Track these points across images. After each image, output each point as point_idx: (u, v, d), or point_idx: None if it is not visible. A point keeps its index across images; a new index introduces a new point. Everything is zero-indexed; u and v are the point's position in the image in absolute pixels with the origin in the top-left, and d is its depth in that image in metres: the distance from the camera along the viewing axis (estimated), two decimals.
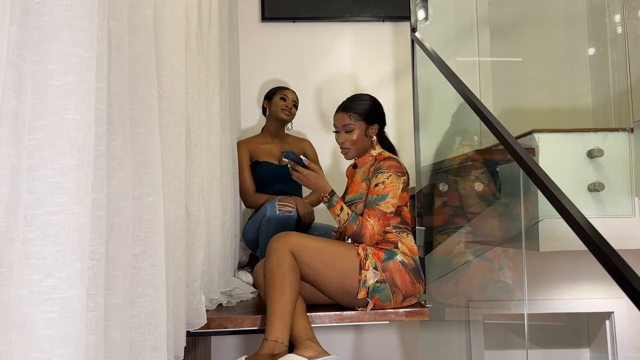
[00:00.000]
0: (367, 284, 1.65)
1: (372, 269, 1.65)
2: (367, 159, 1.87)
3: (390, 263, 1.68)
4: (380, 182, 1.73)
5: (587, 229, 1.04)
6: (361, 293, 1.65)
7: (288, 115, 2.48)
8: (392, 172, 1.73)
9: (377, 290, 1.66)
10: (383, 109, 1.91)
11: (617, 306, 2.79)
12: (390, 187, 1.72)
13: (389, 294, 1.67)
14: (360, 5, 3.03)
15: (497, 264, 2.36)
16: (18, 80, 0.63)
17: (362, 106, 1.86)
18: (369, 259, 1.67)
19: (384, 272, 1.66)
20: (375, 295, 1.66)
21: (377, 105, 1.90)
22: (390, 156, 1.80)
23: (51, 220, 0.66)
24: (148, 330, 0.98)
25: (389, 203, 1.71)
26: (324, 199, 1.74)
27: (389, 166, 1.75)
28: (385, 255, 1.69)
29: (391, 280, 1.67)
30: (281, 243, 1.64)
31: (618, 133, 2.13)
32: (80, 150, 0.69)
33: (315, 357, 1.48)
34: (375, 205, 1.71)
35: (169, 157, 1.17)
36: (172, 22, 1.21)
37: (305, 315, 1.65)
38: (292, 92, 2.52)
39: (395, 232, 1.76)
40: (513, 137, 1.51)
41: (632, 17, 2.45)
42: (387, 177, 1.73)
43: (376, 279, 1.65)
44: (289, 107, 2.47)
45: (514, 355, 2.94)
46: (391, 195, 1.72)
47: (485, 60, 3.05)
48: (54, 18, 0.68)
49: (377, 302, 1.68)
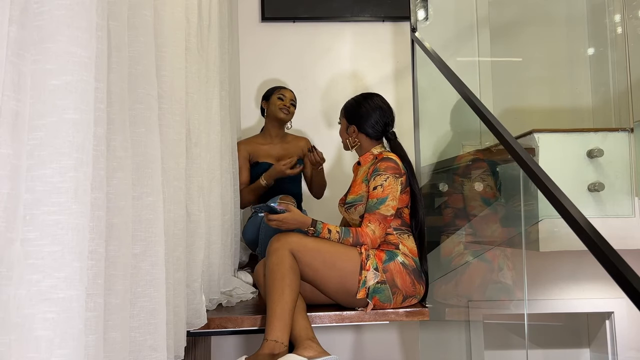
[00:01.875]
0: (367, 284, 1.65)
1: (372, 270, 1.65)
2: (368, 158, 1.87)
3: (391, 264, 1.68)
4: (379, 185, 1.72)
5: (587, 229, 1.04)
6: (360, 293, 1.64)
7: (286, 114, 2.47)
8: (390, 174, 1.73)
9: (378, 290, 1.66)
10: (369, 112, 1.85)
11: (617, 306, 2.79)
12: (388, 189, 1.72)
13: (389, 294, 1.67)
14: (360, 5, 3.03)
15: (496, 264, 2.36)
16: (17, 80, 0.63)
17: (348, 103, 1.95)
18: (370, 259, 1.66)
19: (384, 272, 1.66)
20: (376, 296, 1.66)
21: (359, 106, 1.88)
22: (389, 156, 1.79)
23: (50, 220, 0.66)
24: (148, 330, 0.98)
25: (389, 206, 1.71)
26: (308, 232, 1.70)
27: (386, 167, 1.74)
28: (387, 257, 1.69)
29: (392, 281, 1.67)
30: (281, 243, 1.64)
31: (618, 133, 2.13)
32: (79, 150, 0.69)
33: (315, 357, 1.49)
34: (375, 209, 1.71)
35: (169, 157, 1.17)
36: (172, 22, 1.21)
37: (305, 315, 1.64)
38: (289, 91, 2.51)
39: (397, 234, 1.76)
40: (513, 137, 1.51)
41: (632, 17, 2.44)
42: (385, 179, 1.73)
43: (377, 279, 1.65)
44: (287, 106, 2.47)
45: (514, 355, 2.94)
46: (390, 198, 1.72)
47: (485, 60, 3.05)
48: (53, 17, 0.68)
49: (377, 303, 1.68)
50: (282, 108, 2.46)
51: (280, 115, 2.46)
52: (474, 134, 2.56)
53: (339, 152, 2.92)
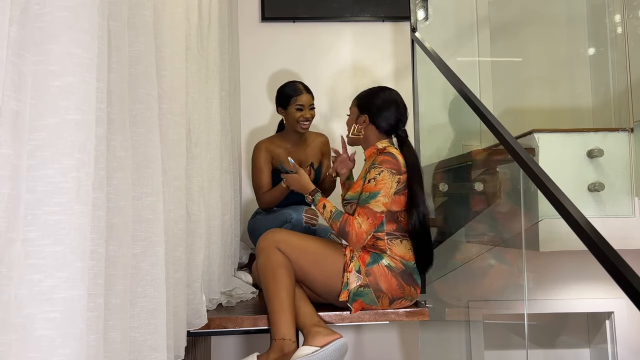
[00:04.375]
0: (349, 287, 1.62)
1: (354, 272, 1.62)
2: (372, 151, 1.79)
3: (374, 267, 1.64)
4: (372, 178, 1.64)
5: (587, 229, 1.04)
6: (342, 295, 1.63)
7: (305, 128, 2.33)
8: (385, 168, 1.64)
9: (360, 294, 1.63)
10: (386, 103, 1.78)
11: (617, 306, 2.79)
12: (381, 184, 1.63)
13: (374, 297, 1.64)
14: (360, 5, 3.03)
15: (497, 264, 2.36)
16: (18, 80, 0.63)
17: (363, 92, 1.87)
18: (354, 261, 1.64)
19: (367, 276, 1.63)
20: (359, 299, 1.64)
21: (375, 95, 1.80)
22: (390, 152, 1.69)
23: (52, 220, 0.66)
24: (148, 330, 0.98)
25: (380, 202, 1.62)
26: (307, 198, 1.77)
27: (382, 161, 1.65)
28: (371, 259, 1.65)
29: (375, 284, 1.63)
30: (267, 242, 1.65)
31: (618, 133, 2.13)
32: (81, 150, 0.69)
33: (325, 344, 1.49)
34: (365, 203, 1.63)
35: (169, 157, 1.17)
36: (172, 22, 1.21)
37: (307, 301, 1.64)
38: (307, 96, 2.32)
39: (387, 239, 1.68)
40: (513, 137, 1.51)
41: (632, 17, 2.45)
42: (379, 172, 1.64)
43: (359, 282, 1.62)
44: (306, 117, 2.31)
45: (514, 355, 2.94)
46: (382, 194, 1.62)
47: (485, 60, 3.05)
48: (55, 19, 0.68)
49: (363, 305, 1.66)
50: (302, 121, 2.30)
51: (299, 130, 2.32)
52: (474, 133, 2.56)
53: None
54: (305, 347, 1.48)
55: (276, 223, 2.22)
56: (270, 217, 2.31)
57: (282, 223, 2.21)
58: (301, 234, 1.72)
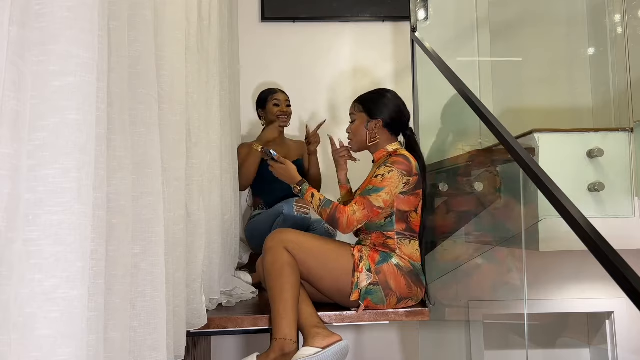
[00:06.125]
0: (359, 287, 1.63)
1: (365, 271, 1.63)
2: (382, 154, 1.80)
3: (384, 265, 1.65)
4: (380, 175, 1.66)
5: (587, 229, 1.04)
6: (354, 295, 1.63)
7: (285, 120, 2.50)
8: (396, 169, 1.66)
9: (370, 292, 1.64)
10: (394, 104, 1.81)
11: (617, 306, 2.79)
12: (388, 181, 1.64)
13: (382, 296, 1.65)
14: (360, 5, 3.03)
15: (497, 264, 2.36)
16: (18, 80, 0.63)
17: (367, 97, 1.85)
18: (363, 261, 1.64)
19: (377, 274, 1.64)
20: (368, 297, 1.64)
21: (383, 98, 1.82)
22: (402, 154, 1.72)
23: (53, 220, 0.66)
24: (148, 330, 0.98)
25: (381, 198, 1.64)
26: (295, 189, 1.76)
27: (394, 162, 1.68)
28: (380, 258, 1.66)
29: (384, 282, 1.64)
30: (275, 241, 1.65)
31: (618, 133, 2.13)
32: (82, 150, 0.69)
33: (327, 345, 1.50)
34: (367, 194, 1.65)
35: (169, 157, 1.17)
36: (172, 22, 1.21)
37: (309, 302, 1.65)
38: (281, 93, 2.53)
39: (397, 239, 1.70)
40: (513, 137, 1.51)
41: (632, 17, 2.45)
42: (389, 171, 1.66)
43: (369, 281, 1.63)
44: (283, 111, 2.49)
45: (514, 355, 2.94)
46: (386, 191, 1.64)
47: (485, 60, 3.05)
48: (56, 19, 0.68)
49: (369, 304, 1.66)
50: (280, 115, 2.48)
51: (281, 124, 2.47)
52: (474, 133, 2.56)
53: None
54: (307, 347, 1.49)
55: (270, 219, 2.25)
56: (263, 215, 2.35)
57: (276, 217, 2.23)
58: (309, 234, 1.72)
